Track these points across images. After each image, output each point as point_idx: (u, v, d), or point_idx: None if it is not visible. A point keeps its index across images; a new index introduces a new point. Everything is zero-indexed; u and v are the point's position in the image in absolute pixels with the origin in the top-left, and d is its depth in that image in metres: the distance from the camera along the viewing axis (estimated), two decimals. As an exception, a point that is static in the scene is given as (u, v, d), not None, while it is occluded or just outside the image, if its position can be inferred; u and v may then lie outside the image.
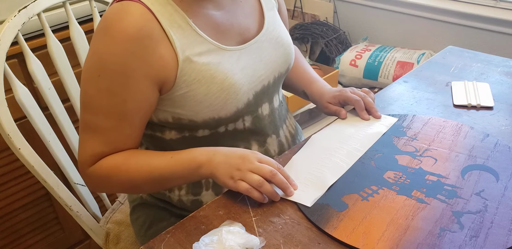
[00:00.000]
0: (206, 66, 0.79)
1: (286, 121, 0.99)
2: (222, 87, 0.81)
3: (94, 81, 0.76)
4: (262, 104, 0.91)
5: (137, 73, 0.75)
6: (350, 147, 0.88)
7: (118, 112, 0.77)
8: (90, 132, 0.80)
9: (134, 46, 0.73)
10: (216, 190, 0.90)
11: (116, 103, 0.77)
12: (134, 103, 0.77)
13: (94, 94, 0.77)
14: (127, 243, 1.05)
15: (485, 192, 0.77)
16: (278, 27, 0.93)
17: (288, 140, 0.98)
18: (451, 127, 0.93)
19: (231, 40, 0.85)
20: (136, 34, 0.73)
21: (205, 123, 0.84)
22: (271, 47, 0.90)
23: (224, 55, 0.82)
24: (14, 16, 0.92)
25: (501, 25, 1.77)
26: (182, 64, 0.78)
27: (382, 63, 2.00)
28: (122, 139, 0.80)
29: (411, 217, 0.72)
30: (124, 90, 0.76)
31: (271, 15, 0.93)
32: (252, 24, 0.89)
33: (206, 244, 0.67)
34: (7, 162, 1.34)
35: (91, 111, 0.78)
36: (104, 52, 0.74)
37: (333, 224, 0.72)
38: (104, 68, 0.75)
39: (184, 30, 0.78)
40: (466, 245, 0.67)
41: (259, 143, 0.92)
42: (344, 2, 2.20)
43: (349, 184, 0.80)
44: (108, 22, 0.75)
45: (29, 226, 1.47)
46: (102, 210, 1.15)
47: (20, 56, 1.23)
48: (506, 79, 1.11)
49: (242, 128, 0.89)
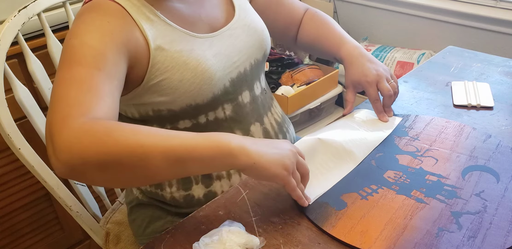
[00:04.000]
0: (178, 53, 0.81)
1: (271, 109, 0.99)
2: (195, 73, 0.82)
3: (69, 43, 0.73)
4: (241, 92, 0.91)
5: (114, 36, 0.74)
6: (356, 147, 0.87)
7: (96, 63, 0.70)
8: (68, 85, 0.67)
9: (110, 18, 0.76)
10: (206, 183, 0.90)
11: (93, 54, 0.70)
12: (111, 60, 0.72)
13: (68, 51, 0.72)
14: (127, 243, 1.05)
15: (485, 193, 0.77)
16: (250, 14, 0.94)
17: (274, 127, 0.98)
18: (453, 128, 0.93)
19: (201, 30, 0.86)
20: (111, 13, 0.77)
21: (184, 111, 0.85)
22: (244, 34, 0.91)
23: (196, 42, 0.84)
24: (14, 16, 0.93)
25: (501, 25, 1.77)
26: (154, 53, 0.79)
27: (382, 63, 2.00)
28: (105, 90, 0.68)
29: (410, 216, 0.73)
30: (101, 45, 0.72)
31: (241, 3, 0.94)
32: (221, 14, 0.91)
33: (206, 244, 0.67)
34: (7, 162, 1.34)
35: (67, 66, 0.70)
36: (79, 24, 0.75)
37: (331, 223, 0.72)
38: (81, 32, 0.74)
39: (153, 21, 0.80)
40: (464, 246, 0.67)
41: (243, 131, 0.92)
42: (344, 2, 2.20)
43: (348, 183, 0.80)
44: (80, 12, 0.78)
45: (29, 226, 1.47)
46: (102, 210, 1.15)
47: (20, 56, 1.22)
48: (506, 79, 1.11)
49: (223, 116, 0.89)
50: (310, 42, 1.07)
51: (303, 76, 1.99)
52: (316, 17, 1.08)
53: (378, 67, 0.95)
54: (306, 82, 1.95)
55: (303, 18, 1.09)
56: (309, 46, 1.09)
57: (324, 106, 2.07)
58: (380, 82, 0.93)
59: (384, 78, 0.94)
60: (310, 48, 1.10)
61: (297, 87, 1.94)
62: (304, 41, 1.09)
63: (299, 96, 1.88)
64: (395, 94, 0.96)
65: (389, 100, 0.95)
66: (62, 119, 0.63)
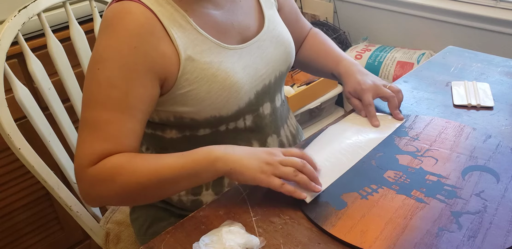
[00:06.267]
0: (208, 65, 0.80)
1: (287, 121, 0.99)
2: (223, 86, 0.81)
3: (95, 75, 0.75)
4: (263, 104, 0.91)
5: (139, 67, 0.74)
6: (356, 144, 0.88)
7: (119, 105, 0.75)
8: (89, 129, 0.75)
9: (136, 41, 0.74)
10: (216, 189, 0.90)
11: (117, 96, 0.74)
12: (135, 96, 0.75)
13: (94, 89, 0.75)
14: (127, 243, 1.05)
15: (485, 193, 0.77)
16: (278, 26, 0.93)
17: (289, 139, 0.98)
18: (453, 128, 0.93)
19: (232, 39, 0.85)
20: (138, 30, 0.74)
21: (207, 121, 0.84)
22: (272, 46, 0.90)
23: (226, 54, 0.82)
24: (14, 16, 0.93)
25: (501, 25, 1.77)
26: (184, 63, 0.78)
27: (382, 63, 2.00)
28: (124, 132, 0.75)
29: (410, 216, 0.73)
30: (126, 83, 0.74)
31: (271, 13, 0.93)
32: (252, 23, 0.89)
33: (206, 244, 0.67)
34: (7, 162, 1.34)
35: (92, 107, 0.75)
36: (106, 47, 0.74)
37: (331, 222, 0.72)
38: (106, 61, 0.74)
39: (185, 29, 0.79)
40: (464, 245, 0.67)
41: (260, 142, 0.92)
42: (344, 2, 2.20)
43: (349, 183, 0.80)
44: (109, 21, 0.75)
45: (29, 226, 1.47)
46: (102, 210, 1.15)
47: (20, 56, 1.23)
48: (506, 79, 1.11)
49: (243, 126, 0.89)
50: (309, 57, 1.09)
51: (303, 76, 1.99)
52: (318, 36, 1.10)
53: (374, 79, 0.97)
54: (306, 82, 1.95)
55: (307, 35, 1.11)
56: (307, 62, 1.10)
57: (324, 106, 2.07)
58: (378, 89, 0.95)
59: (381, 85, 0.95)
60: (307, 64, 1.11)
61: (297, 87, 1.94)
62: (303, 56, 1.10)
63: (299, 96, 1.88)
64: (398, 92, 0.96)
65: (394, 100, 0.95)
66: (79, 169, 0.75)
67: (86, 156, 0.75)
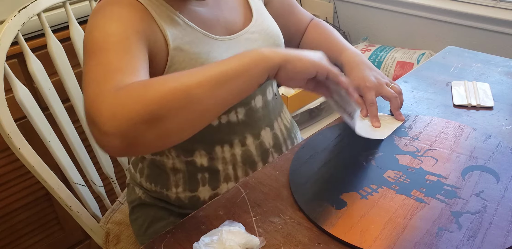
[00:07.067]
0: (196, 55, 0.81)
1: (281, 115, 0.99)
2: None
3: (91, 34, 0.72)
4: (255, 97, 0.91)
5: (135, 26, 0.73)
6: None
7: (123, 47, 0.70)
8: (97, 71, 0.66)
9: (131, 10, 0.75)
10: (212, 185, 0.91)
11: (116, 40, 0.70)
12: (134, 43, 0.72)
13: (94, 42, 0.71)
14: (127, 243, 1.05)
15: (485, 193, 0.77)
16: (267, 19, 0.94)
17: (283, 133, 0.98)
18: (453, 128, 0.93)
19: (219, 34, 0.86)
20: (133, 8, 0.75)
21: None
22: (261, 39, 0.91)
23: (214, 44, 0.83)
24: (14, 16, 0.93)
25: (501, 25, 1.77)
26: (172, 52, 0.79)
27: (382, 63, 2.00)
28: (135, 65, 0.69)
29: (410, 216, 0.73)
30: (124, 32, 0.72)
31: (258, 7, 0.94)
32: (238, 18, 0.90)
33: (206, 244, 0.67)
34: (7, 162, 1.34)
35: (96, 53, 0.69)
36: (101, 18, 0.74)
37: (331, 222, 0.72)
38: (101, 24, 0.72)
39: (173, 20, 0.80)
40: (464, 245, 0.67)
41: (253, 135, 0.92)
42: (344, 2, 2.20)
43: (348, 182, 0.80)
44: (100, 6, 0.76)
45: (29, 226, 1.47)
46: (102, 210, 1.15)
47: (20, 56, 1.23)
48: (506, 79, 1.11)
49: (236, 120, 0.89)
50: (312, 47, 1.08)
51: (303, 76, 1.98)
52: (320, 26, 1.09)
53: (377, 75, 0.96)
54: (306, 82, 1.95)
55: (308, 26, 1.11)
56: None
57: (324, 106, 2.07)
58: (381, 88, 0.94)
59: (384, 84, 0.95)
60: None
61: (297, 87, 1.94)
62: (306, 47, 1.10)
63: (299, 96, 1.88)
64: (400, 94, 0.96)
65: (396, 101, 0.95)
66: (96, 94, 0.62)
67: (101, 84, 0.64)
